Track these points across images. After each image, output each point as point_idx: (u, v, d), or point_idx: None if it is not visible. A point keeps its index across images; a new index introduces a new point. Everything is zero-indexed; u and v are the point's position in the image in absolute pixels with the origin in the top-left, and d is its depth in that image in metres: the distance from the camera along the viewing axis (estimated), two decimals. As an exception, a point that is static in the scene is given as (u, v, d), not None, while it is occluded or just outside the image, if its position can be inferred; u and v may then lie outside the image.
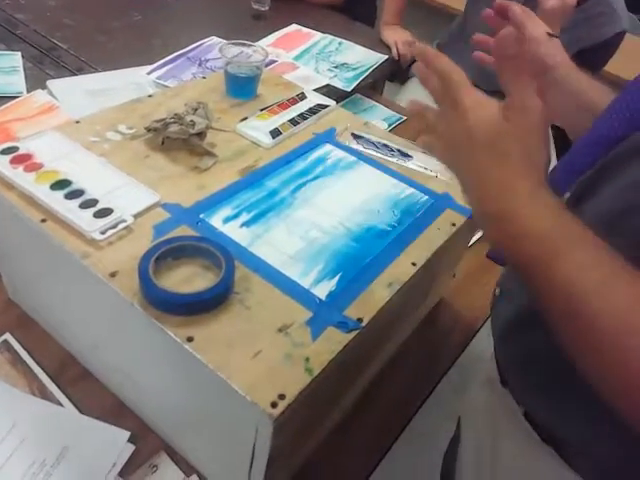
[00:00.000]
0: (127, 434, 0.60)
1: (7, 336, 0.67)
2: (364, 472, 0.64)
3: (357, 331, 0.50)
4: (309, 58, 1.31)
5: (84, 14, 1.32)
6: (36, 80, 1.04)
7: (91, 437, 0.59)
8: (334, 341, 0.49)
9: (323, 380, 0.47)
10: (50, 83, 1.00)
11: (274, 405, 0.43)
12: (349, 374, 0.61)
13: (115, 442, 0.59)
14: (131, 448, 0.59)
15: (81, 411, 0.61)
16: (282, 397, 0.43)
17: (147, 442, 0.60)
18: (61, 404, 0.62)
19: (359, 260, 0.58)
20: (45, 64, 1.12)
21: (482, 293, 0.79)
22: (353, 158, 0.73)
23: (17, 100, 0.97)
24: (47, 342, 0.67)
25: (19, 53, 1.11)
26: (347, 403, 0.67)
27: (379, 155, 0.75)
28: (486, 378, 0.66)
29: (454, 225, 0.65)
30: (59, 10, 1.31)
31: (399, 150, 0.76)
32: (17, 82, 1.03)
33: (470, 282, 0.89)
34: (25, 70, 1.07)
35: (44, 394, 0.62)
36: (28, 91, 1.01)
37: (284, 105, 0.79)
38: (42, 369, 0.64)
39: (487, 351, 0.66)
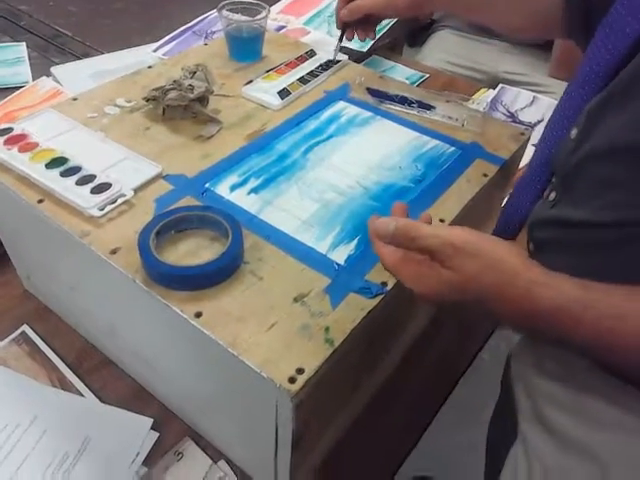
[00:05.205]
0: (150, 421, 0.57)
1: (25, 327, 0.65)
2: (402, 451, 0.59)
3: (382, 296, 0.45)
4: (321, 22, 1.24)
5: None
6: (42, 69, 1.02)
7: (113, 426, 0.57)
8: (356, 308, 0.44)
9: (346, 351, 0.42)
10: (54, 69, 0.98)
11: (292, 380, 0.38)
12: (376, 345, 0.56)
13: (138, 430, 0.56)
14: (155, 435, 0.56)
15: (102, 400, 0.59)
16: (300, 371, 0.39)
17: (171, 428, 0.57)
18: (82, 394, 0.59)
19: (380, 219, 0.52)
20: (50, 52, 1.09)
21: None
22: (369, 113, 0.67)
23: (22, 90, 0.94)
24: (65, 332, 0.65)
25: (24, 43, 1.10)
26: (379, 378, 0.62)
27: (398, 108, 0.69)
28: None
29: (486, 176, 0.59)
30: (62, -2, 1.29)
31: (420, 102, 0.70)
32: (23, 72, 1.01)
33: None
34: (30, 60, 1.05)
35: (64, 385, 0.60)
36: (34, 80, 0.98)
37: (292, 64, 0.74)
38: (61, 359, 0.62)
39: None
